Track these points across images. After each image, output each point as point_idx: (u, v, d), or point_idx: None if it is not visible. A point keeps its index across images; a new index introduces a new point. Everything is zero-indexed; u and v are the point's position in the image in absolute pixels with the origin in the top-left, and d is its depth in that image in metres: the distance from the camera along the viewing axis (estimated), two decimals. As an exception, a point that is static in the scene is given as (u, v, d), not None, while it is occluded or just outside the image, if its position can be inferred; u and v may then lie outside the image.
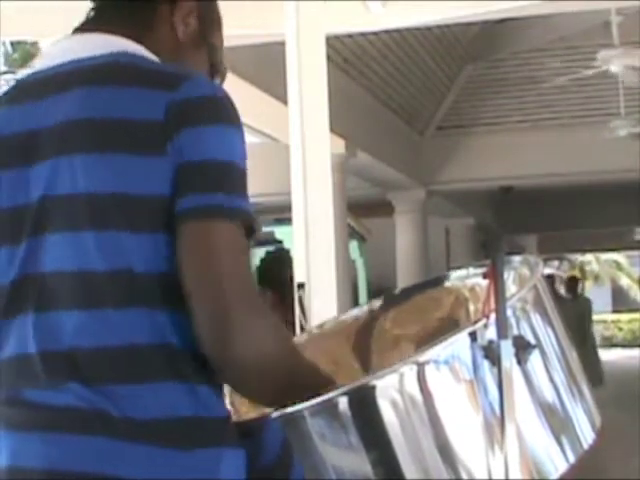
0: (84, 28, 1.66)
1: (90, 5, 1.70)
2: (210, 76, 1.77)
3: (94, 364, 1.45)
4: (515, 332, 1.59)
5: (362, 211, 13.60)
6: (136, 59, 1.58)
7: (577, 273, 27.84)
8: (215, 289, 1.43)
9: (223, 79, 1.83)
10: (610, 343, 28.44)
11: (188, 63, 1.70)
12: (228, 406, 1.94)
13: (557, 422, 1.67)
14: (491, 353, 1.55)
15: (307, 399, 1.46)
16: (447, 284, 2.22)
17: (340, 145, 10.20)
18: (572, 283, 12.50)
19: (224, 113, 1.52)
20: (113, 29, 1.63)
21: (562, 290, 12.87)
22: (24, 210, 1.54)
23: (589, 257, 31.28)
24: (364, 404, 1.50)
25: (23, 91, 1.63)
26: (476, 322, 1.59)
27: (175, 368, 1.46)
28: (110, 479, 1.42)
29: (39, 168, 1.53)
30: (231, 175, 1.49)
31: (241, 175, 1.51)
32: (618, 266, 31.98)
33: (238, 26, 6.04)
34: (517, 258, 2.06)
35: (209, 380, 1.49)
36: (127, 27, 1.63)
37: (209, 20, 1.75)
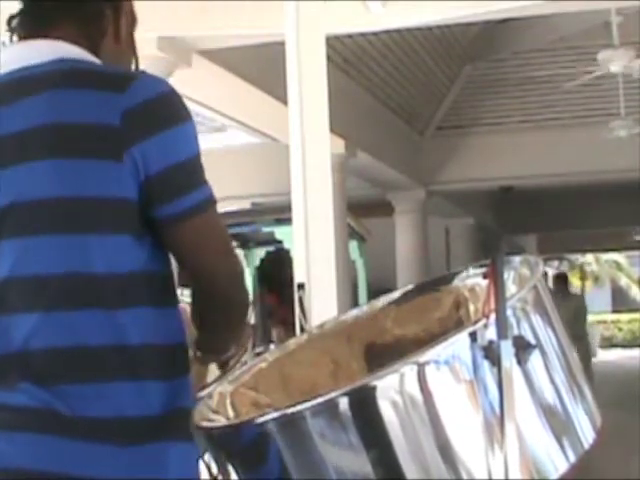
0: (33, 35, 1.68)
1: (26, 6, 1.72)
2: (136, 68, 1.83)
3: (46, 364, 1.49)
4: (515, 332, 1.59)
5: (362, 211, 13.58)
6: (81, 63, 1.62)
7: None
8: (226, 257, 1.66)
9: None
10: (610, 343, 28.42)
11: (127, 61, 1.77)
12: (229, 408, 1.94)
13: (557, 422, 1.67)
14: (491, 353, 1.55)
15: None
16: (447, 284, 2.23)
17: (340, 145, 10.19)
18: (560, 280, 11.76)
19: (177, 111, 1.59)
20: (61, 35, 1.66)
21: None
22: None
23: (589, 257, 31.23)
24: (365, 404, 1.50)
25: None
26: (476, 322, 1.59)
27: (130, 368, 1.50)
28: (61, 477, 1.45)
29: (3, 175, 1.55)
30: (199, 167, 1.61)
31: (201, 162, 1.62)
32: (618, 266, 31.93)
33: (238, 26, 6.05)
34: (517, 258, 2.06)
35: (161, 374, 1.54)
36: (77, 32, 1.67)
37: (134, 16, 1.80)
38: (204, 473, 1.73)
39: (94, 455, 1.46)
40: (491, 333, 1.56)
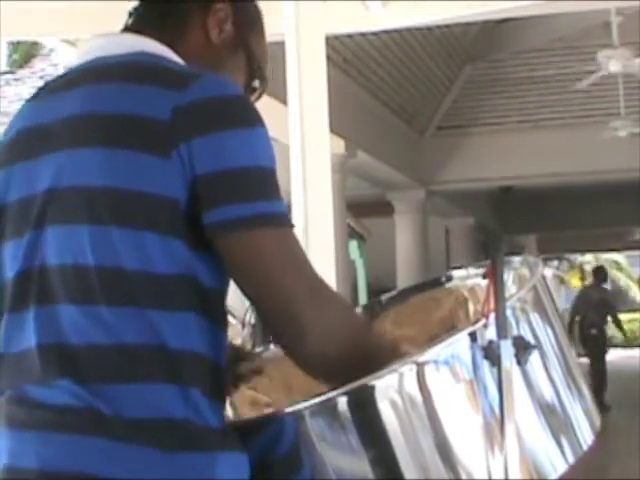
0: (122, 30, 1.69)
1: (130, 7, 1.72)
2: (249, 80, 1.76)
3: (85, 361, 1.45)
4: (515, 332, 1.59)
5: (362, 211, 13.59)
6: (149, 57, 1.58)
7: (578, 273, 27.78)
8: (277, 295, 1.48)
9: (264, 84, 1.80)
10: (610, 343, 28.39)
11: (225, 67, 1.69)
12: (228, 407, 1.94)
13: (556, 422, 1.67)
14: (491, 353, 1.55)
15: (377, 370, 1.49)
16: (447, 284, 2.22)
17: (340, 145, 10.18)
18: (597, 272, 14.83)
19: (237, 114, 1.50)
20: (147, 31, 1.64)
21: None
22: (30, 202, 1.54)
23: (589, 257, 31.21)
24: (363, 404, 1.50)
25: (49, 88, 1.66)
26: (476, 322, 1.58)
27: (167, 369, 1.45)
28: (100, 479, 1.41)
29: (46, 161, 1.54)
30: (261, 179, 1.48)
31: (269, 178, 1.50)
32: (618, 266, 31.92)
33: (238, 26, 6.04)
34: (517, 258, 2.06)
35: (204, 384, 1.48)
36: (160, 30, 1.65)
37: (245, 23, 1.74)
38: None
39: (134, 457, 1.41)
40: (491, 333, 1.56)
